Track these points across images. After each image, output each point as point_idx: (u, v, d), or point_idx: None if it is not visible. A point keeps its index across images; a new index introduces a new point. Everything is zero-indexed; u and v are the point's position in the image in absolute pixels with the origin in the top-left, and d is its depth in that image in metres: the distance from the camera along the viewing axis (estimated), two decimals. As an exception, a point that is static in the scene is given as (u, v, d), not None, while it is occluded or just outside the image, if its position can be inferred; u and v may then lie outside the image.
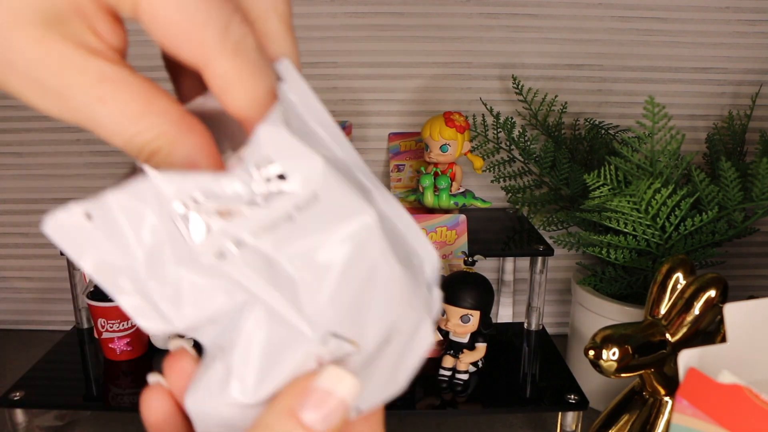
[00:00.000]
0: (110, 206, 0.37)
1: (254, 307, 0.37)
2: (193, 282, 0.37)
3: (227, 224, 0.36)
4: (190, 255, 0.36)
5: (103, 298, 0.79)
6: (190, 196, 0.36)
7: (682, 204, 0.77)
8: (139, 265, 0.37)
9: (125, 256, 0.37)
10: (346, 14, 1.01)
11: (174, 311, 0.37)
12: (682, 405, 0.53)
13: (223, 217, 0.36)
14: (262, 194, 0.36)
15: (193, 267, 0.37)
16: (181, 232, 0.36)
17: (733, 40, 1.02)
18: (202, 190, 0.36)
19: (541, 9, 1.01)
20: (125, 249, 0.37)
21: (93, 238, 0.36)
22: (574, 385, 0.75)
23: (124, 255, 0.37)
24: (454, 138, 0.88)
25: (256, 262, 0.36)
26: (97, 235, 0.36)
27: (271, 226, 0.37)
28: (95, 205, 0.37)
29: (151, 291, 0.37)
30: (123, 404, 0.73)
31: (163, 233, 0.37)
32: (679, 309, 0.66)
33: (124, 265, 0.37)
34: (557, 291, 1.13)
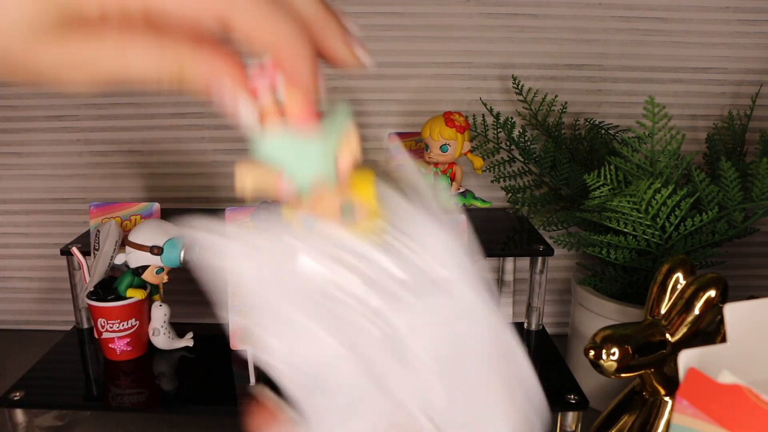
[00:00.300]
0: (279, 246, 0.41)
1: (349, 360, 0.41)
2: (306, 324, 0.41)
3: (375, 298, 0.40)
4: (312, 300, 0.40)
5: (103, 298, 0.79)
6: (334, 247, 0.40)
7: (682, 204, 0.77)
8: (261, 294, 0.41)
9: (252, 282, 0.42)
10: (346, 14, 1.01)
11: (276, 344, 0.41)
12: (682, 405, 0.53)
13: (374, 291, 0.40)
14: (417, 285, 0.40)
15: (310, 311, 0.41)
16: (333, 289, 0.40)
17: (734, 40, 1.02)
18: (366, 262, 0.40)
19: (541, 9, 1.01)
20: (255, 276, 0.41)
21: (234, 255, 0.42)
22: (574, 385, 0.75)
23: (251, 280, 0.42)
24: (454, 138, 0.88)
25: (387, 336, 0.40)
26: (238, 254, 0.41)
27: (414, 315, 0.41)
28: (264, 237, 0.42)
29: (264, 321, 0.41)
30: (123, 404, 0.73)
31: (293, 272, 0.41)
32: (679, 309, 0.66)
33: (248, 288, 0.41)
34: (557, 291, 1.13)
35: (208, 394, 0.74)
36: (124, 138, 1.06)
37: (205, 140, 1.06)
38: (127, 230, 0.81)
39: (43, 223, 1.11)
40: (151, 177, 1.08)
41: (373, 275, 0.41)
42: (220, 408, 0.73)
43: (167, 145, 1.07)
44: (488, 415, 0.42)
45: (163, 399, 0.74)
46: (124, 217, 0.86)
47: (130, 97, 1.04)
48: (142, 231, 0.78)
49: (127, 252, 0.79)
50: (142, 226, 0.78)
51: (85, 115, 1.06)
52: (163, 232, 0.78)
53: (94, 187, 1.09)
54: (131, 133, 1.06)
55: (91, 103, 1.05)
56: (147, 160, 1.07)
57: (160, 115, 1.05)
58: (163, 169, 1.08)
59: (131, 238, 0.78)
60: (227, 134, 1.06)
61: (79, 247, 0.81)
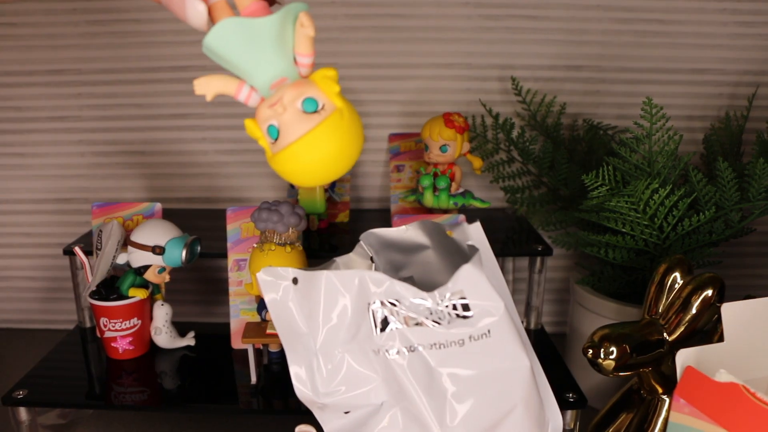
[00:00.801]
0: (318, 280, 0.45)
1: (392, 410, 0.44)
2: (354, 368, 0.44)
3: (410, 331, 0.43)
4: (365, 343, 0.44)
5: (105, 297, 0.79)
6: (390, 297, 0.43)
7: (680, 204, 0.78)
8: (320, 333, 0.45)
9: (308, 324, 0.45)
10: (347, 16, 1.02)
11: (324, 385, 0.45)
12: (679, 403, 0.54)
13: (408, 325, 0.43)
14: (448, 317, 0.43)
15: (361, 356, 0.44)
16: (370, 321, 0.43)
17: (730, 41, 1.02)
18: (400, 297, 0.43)
19: (540, 11, 1.01)
20: (311, 318, 0.45)
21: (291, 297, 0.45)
22: (573, 383, 0.76)
23: (308, 322, 0.45)
24: (454, 139, 0.88)
25: (419, 368, 0.43)
26: (295, 296, 0.45)
27: (445, 345, 0.43)
28: (306, 275, 0.46)
29: (317, 360, 0.44)
30: (125, 403, 0.74)
31: (351, 317, 0.45)
32: (676, 308, 0.66)
33: (305, 330, 0.45)
34: (556, 290, 1.14)
35: (210, 393, 0.75)
36: (126, 138, 1.07)
37: (206, 141, 1.07)
38: (129, 230, 0.81)
39: (46, 223, 1.11)
40: (153, 177, 1.09)
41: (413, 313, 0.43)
42: (222, 407, 0.73)
43: (169, 146, 1.07)
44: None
45: (165, 398, 0.75)
46: (126, 217, 0.87)
47: (133, 98, 1.05)
48: (144, 231, 0.78)
49: (129, 252, 0.79)
50: (144, 226, 0.79)
51: (87, 116, 1.06)
52: (164, 231, 0.79)
53: (96, 187, 1.09)
54: (133, 134, 1.07)
55: (94, 104, 1.05)
56: (149, 161, 1.08)
57: (162, 116, 1.06)
58: (164, 169, 1.08)
59: (133, 237, 0.78)
60: (228, 135, 1.07)
61: (81, 247, 0.81)
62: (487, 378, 0.43)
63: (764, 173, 0.77)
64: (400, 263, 0.57)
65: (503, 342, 0.44)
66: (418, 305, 0.43)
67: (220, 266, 1.11)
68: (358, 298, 0.42)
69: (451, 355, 0.42)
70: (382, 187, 1.09)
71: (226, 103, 1.05)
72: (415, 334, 0.43)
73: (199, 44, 1.02)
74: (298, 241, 0.74)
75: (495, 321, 0.43)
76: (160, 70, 1.04)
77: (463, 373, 0.43)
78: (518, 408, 0.43)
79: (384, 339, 0.42)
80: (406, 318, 0.42)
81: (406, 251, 0.56)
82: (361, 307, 0.42)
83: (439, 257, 0.54)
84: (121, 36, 1.03)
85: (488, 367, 0.43)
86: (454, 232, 0.52)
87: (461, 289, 0.43)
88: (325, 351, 0.43)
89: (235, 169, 1.09)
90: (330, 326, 0.43)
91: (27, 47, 1.03)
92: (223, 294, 1.12)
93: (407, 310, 0.42)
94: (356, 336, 0.42)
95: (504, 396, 0.44)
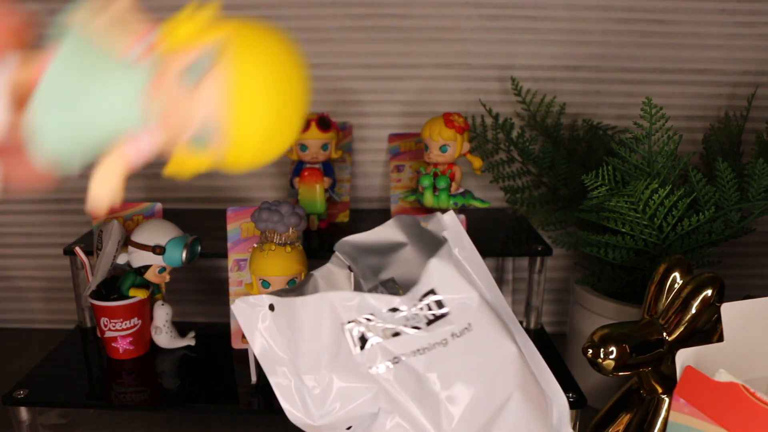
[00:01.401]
0: (294, 306, 0.44)
1: (391, 415, 0.43)
2: (343, 386, 0.43)
3: (390, 343, 0.42)
4: (348, 363, 0.43)
5: (106, 297, 0.79)
6: (364, 313, 0.43)
7: (680, 204, 0.78)
8: (301, 359, 0.44)
9: (288, 350, 0.44)
10: (347, 16, 1.02)
11: (317, 407, 0.44)
12: (679, 403, 0.54)
13: (386, 337, 0.42)
14: (426, 319, 0.42)
15: (347, 373, 0.43)
16: (347, 342, 0.43)
17: (730, 42, 1.03)
18: (375, 311, 0.42)
19: (540, 11, 1.01)
20: (291, 344, 0.44)
21: (269, 324, 0.44)
22: (573, 383, 0.76)
23: (289, 347, 0.44)
24: (454, 139, 0.88)
25: (407, 377, 0.42)
26: (272, 323, 0.44)
27: (428, 348, 0.43)
28: (281, 302, 0.45)
29: (304, 385, 0.43)
30: (125, 402, 0.74)
31: (328, 339, 0.44)
32: (676, 308, 0.66)
33: (286, 356, 0.44)
34: (556, 290, 1.14)
35: (210, 393, 0.75)
36: (125, 138, 1.07)
37: (206, 141, 1.07)
38: (130, 230, 0.81)
39: (47, 224, 1.11)
40: (153, 177, 1.09)
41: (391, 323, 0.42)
42: (222, 407, 0.73)
43: (169, 146, 1.07)
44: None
45: (165, 397, 0.75)
46: (126, 217, 0.87)
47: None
48: (144, 231, 0.78)
49: (130, 252, 0.79)
50: (144, 226, 0.79)
51: (87, 116, 1.06)
52: (165, 232, 0.79)
53: (96, 187, 1.09)
54: (133, 134, 1.07)
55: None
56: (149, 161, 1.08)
57: (162, 115, 1.06)
58: (164, 169, 1.08)
59: (134, 238, 0.79)
60: (228, 135, 1.07)
61: (82, 247, 0.81)
62: (477, 372, 0.42)
63: (764, 173, 0.77)
64: (379, 266, 0.56)
65: (486, 332, 0.43)
66: (393, 315, 0.42)
67: (220, 266, 1.11)
68: (332, 320, 0.41)
69: (437, 357, 0.42)
70: (382, 187, 1.09)
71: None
72: (396, 345, 0.42)
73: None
74: (298, 241, 0.74)
75: (473, 313, 0.43)
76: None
77: (453, 372, 0.42)
78: (515, 395, 0.43)
79: (365, 357, 0.41)
80: (383, 330, 0.41)
81: (384, 252, 0.55)
82: (336, 328, 0.41)
83: (418, 252, 0.53)
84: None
85: (476, 360, 0.42)
86: (429, 223, 0.51)
87: (432, 287, 0.42)
88: (310, 375, 0.42)
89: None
90: (310, 350, 0.43)
91: (27, 47, 1.03)
92: (223, 294, 1.12)
93: (383, 322, 0.42)
94: (338, 356, 0.42)
95: (498, 386, 0.43)
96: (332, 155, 0.93)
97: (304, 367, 0.42)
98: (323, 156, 0.91)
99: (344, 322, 0.41)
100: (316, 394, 0.42)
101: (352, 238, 0.54)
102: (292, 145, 0.91)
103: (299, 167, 0.93)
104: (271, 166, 1.08)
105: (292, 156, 0.92)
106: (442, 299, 0.42)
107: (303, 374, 0.42)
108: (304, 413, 0.42)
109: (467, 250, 0.48)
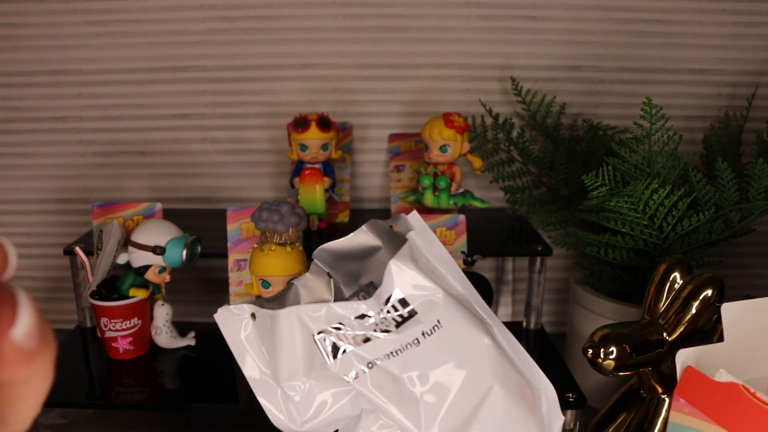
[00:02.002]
0: (267, 319, 0.45)
1: (374, 414, 0.44)
2: (322, 392, 0.44)
3: (362, 349, 0.42)
4: (324, 371, 0.43)
5: (106, 297, 0.79)
6: (332, 323, 0.43)
7: (680, 204, 0.78)
8: (280, 368, 0.45)
9: (268, 361, 0.45)
10: (347, 16, 1.02)
11: (299, 414, 0.45)
12: (679, 403, 0.54)
13: (358, 343, 0.42)
14: (394, 321, 0.43)
15: (324, 381, 0.44)
16: (321, 352, 0.43)
17: (730, 42, 1.03)
18: (343, 319, 0.42)
19: (539, 11, 1.01)
20: (270, 354, 0.45)
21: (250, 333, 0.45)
22: (573, 383, 0.76)
23: (268, 358, 0.45)
24: (454, 139, 0.88)
25: (383, 380, 0.42)
26: (253, 332, 0.45)
27: (401, 350, 0.43)
28: (261, 313, 0.45)
29: (285, 393, 0.44)
30: (125, 403, 0.74)
31: (302, 350, 0.44)
32: (676, 308, 0.66)
33: (266, 364, 0.45)
34: (556, 290, 1.14)
35: (210, 393, 0.75)
36: (126, 139, 1.07)
37: (206, 141, 1.07)
38: (130, 230, 0.81)
39: (47, 223, 1.11)
40: (153, 177, 1.09)
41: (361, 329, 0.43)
42: (222, 407, 0.73)
43: (169, 146, 1.07)
44: None
45: (165, 397, 0.75)
46: (126, 217, 0.87)
47: (133, 98, 1.05)
48: (144, 231, 0.79)
49: (130, 252, 0.79)
50: (144, 226, 0.79)
51: (88, 116, 1.06)
52: (165, 231, 0.79)
53: (96, 187, 1.09)
54: (134, 134, 1.07)
55: (94, 104, 1.05)
56: (149, 161, 1.08)
57: (162, 116, 1.06)
58: (165, 169, 1.08)
59: (134, 238, 0.79)
60: (229, 135, 1.07)
61: (82, 247, 0.81)
62: (453, 368, 0.42)
63: (764, 173, 0.77)
64: (358, 271, 0.55)
65: (456, 327, 0.43)
66: (362, 321, 0.42)
67: (220, 266, 1.11)
68: (302, 332, 0.42)
69: (411, 358, 0.42)
70: (382, 187, 1.09)
71: (227, 103, 1.06)
72: (369, 350, 0.42)
73: (200, 44, 1.03)
74: (298, 241, 0.75)
75: (440, 309, 0.43)
76: (160, 70, 1.04)
77: (428, 371, 0.43)
78: (494, 388, 0.43)
79: (339, 366, 0.42)
80: (354, 338, 0.42)
81: (361, 257, 0.55)
82: (308, 339, 0.42)
83: (390, 255, 0.53)
84: (121, 36, 1.03)
85: (450, 356, 0.42)
86: (396, 225, 0.51)
87: (395, 288, 0.43)
88: (289, 385, 0.43)
89: (235, 169, 1.09)
90: (287, 360, 0.43)
91: (27, 47, 1.03)
92: (223, 294, 1.12)
93: (353, 330, 0.42)
94: (313, 366, 0.42)
95: (475, 380, 0.43)
96: (332, 155, 0.93)
97: (283, 376, 0.43)
98: (323, 156, 0.91)
99: (314, 333, 0.42)
100: (297, 401, 0.43)
101: (329, 245, 0.54)
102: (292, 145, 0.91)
103: (299, 167, 0.93)
104: (271, 166, 1.08)
105: (292, 156, 0.92)
106: (406, 299, 0.43)
107: (282, 382, 0.43)
108: (287, 418, 0.43)
109: (434, 246, 0.48)
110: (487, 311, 0.48)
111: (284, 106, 1.05)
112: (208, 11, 1.02)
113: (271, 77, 1.05)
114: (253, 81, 1.05)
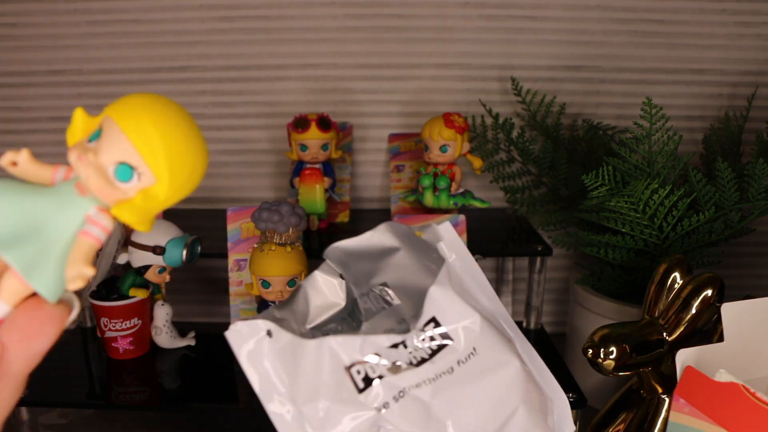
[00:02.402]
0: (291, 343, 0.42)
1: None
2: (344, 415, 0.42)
3: (394, 378, 0.41)
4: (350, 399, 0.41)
5: (106, 297, 0.79)
6: (365, 354, 0.41)
7: (680, 204, 0.78)
8: (298, 389, 0.42)
9: (288, 378, 0.42)
10: (347, 16, 1.02)
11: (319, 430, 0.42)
12: (679, 403, 0.54)
13: (391, 372, 0.41)
14: (430, 350, 0.42)
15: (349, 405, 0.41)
16: (349, 383, 0.41)
17: (730, 42, 1.03)
18: (378, 350, 0.41)
19: (539, 11, 1.01)
20: (288, 377, 0.42)
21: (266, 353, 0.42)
22: (573, 383, 0.76)
23: (288, 376, 0.42)
24: (454, 139, 0.88)
25: (412, 409, 0.41)
26: (270, 351, 0.42)
27: (434, 378, 0.42)
28: (278, 331, 0.42)
29: (303, 415, 0.41)
30: (125, 402, 0.74)
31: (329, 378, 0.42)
32: (676, 308, 0.66)
33: (284, 384, 0.42)
34: (556, 290, 1.14)
35: (211, 393, 0.75)
36: (125, 138, 1.07)
37: (206, 141, 1.07)
38: (130, 230, 0.81)
39: (45, 223, 1.11)
40: (152, 177, 1.09)
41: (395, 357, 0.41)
42: (222, 407, 0.73)
43: (169, 146, 1.07)
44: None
45: (166, 397, 0.75)
46: (126, 218, 0.87)
47: (132, 97, 1.05)
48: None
49: (130, 252, 0.79)
50: (144, 226, 0.79)
51: (87, 116, 1.06)
52: (165, 232, 0.79)
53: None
54: (133, 134, 1.07)
55: (95, 104, 1.05)
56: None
57: (162, 115, 1.06)
58: (164, 169, 1.08)
59: (134, 238, 0.79)
60: (229, 135, 1.07)
61: (82, 247, 0.81)
62: (482, 393, 0.42)
63: (764, 173, 0.77)
64: (372, 270, 0.54)
65: (491, 354, 0.42)
66: (397, 351, 0.41)
67: (220, 266, 1.11)
68: (332, 363, 0.40)
69: (443, 385, 0.41)
70: (382, 187, 1.09)
71: (227, 103, 1.06)
72: (401, 380, 0.41)
73: (200, 44, 1.03)
74: (298, 241, 0.74)
75: (476, 336, 0.42)
76: (160, 70, 1.04)
77: (458, 397, 0.42)
78: (520, 409, 0.42)
79: (369, 397, 0.40)
80: (388, 368, 0.41)
81: (376, 257, 0.53)
82: (339, 370, 0.40)
83: (412, 257, 0.51)
84: (121, 36, 1.03)
85: (482, 382, 0.42)
86: (424, 233, 0.50)
87: (434, 316, 0.42)
88: (308, 409, 0.40)
89: (235, 169, 1.09)
90: (308, 383, 0.41)
91: (27, 47, 1.03)
92: (223, 294, 1.12)
93: (388, 359, 0.41)
94: (338, 393, 0.40)
95: (503, 403, 0.42)
96: (332, 155, 0.93)
97: (301, 401, 0.40)
98: (323, 156, 0.91)
99: (347, 365, 0.40)
100: (314, 421, 0.41)
101: (343, 243, 0.52)
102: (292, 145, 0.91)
103: (299, 167, 0.93)
104: (271, 166, 1.08)
105: (292, 156, 0.92)
106: (446, 330, 0.42)
107: (301, 407, 0.40)
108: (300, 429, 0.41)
109: (465, 260, 0.47)
110: (512, 326, 0.47)
111: (284, 106, 1.05)
112: (208, 11, 1.02)
113: (271, 77, 1.05)
114: (253, 81, 1.05)
